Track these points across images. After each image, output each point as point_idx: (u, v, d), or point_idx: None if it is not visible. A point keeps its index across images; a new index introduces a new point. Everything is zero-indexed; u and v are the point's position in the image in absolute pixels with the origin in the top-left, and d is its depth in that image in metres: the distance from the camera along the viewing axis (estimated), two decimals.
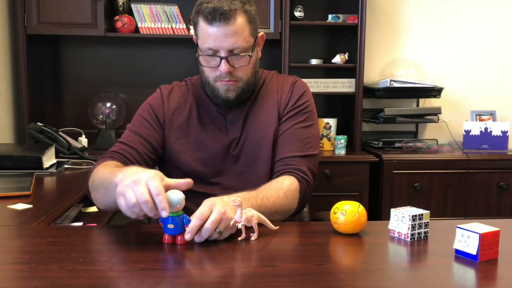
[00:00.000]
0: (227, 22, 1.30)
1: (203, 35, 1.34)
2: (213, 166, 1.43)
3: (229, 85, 1.38)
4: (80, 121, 2.90)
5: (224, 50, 1.32)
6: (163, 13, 2.77)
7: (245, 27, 1.33)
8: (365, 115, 2.99)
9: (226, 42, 1.31)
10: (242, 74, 1.38)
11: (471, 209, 2.74)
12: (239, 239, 1.08)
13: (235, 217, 1.07)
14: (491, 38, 3.18)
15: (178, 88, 1.52)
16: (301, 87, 1.49)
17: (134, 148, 1.38)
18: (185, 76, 1.59)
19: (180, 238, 1.04)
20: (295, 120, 1.45)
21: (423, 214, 1.10)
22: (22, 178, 1.72)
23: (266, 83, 1.51)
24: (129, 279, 0.89)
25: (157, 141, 1.43)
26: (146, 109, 1.47)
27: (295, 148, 1.41)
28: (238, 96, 1.40)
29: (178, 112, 1.46)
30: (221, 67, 1.34)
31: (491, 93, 3.19)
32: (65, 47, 2.95)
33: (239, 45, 1.33)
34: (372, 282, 0.89)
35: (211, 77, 1.39)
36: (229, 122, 1.45)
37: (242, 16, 1.33)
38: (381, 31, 3.13)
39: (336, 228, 1.14)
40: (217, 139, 1.44)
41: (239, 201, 1.06)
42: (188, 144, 1.44)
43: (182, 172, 1.44)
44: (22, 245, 1.08)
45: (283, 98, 1.47)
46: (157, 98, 1.49)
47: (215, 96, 1.41)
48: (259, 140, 1.44)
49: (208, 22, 1.31)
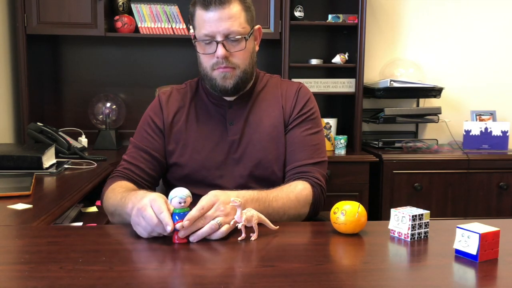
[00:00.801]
0: (223, 6, 1.32)
1: (200, 22, 1.35)
2: (213, 169, 1.43)
3: (226, 72, 1.37)
4: (80, 121, 2.90)
5: (220, 34, 1.33)
6: (163, 13, 2.77)
7: (240, 13, 1.35)
8: (365, 115, 2.99)
9: (221, 26, 1.33)
10: (238, 60, 1.38)
11: (471, 209, 2.74)
12: (239, 239, 1.08)
13: (235, 217, 1.07)
14: (491, 38, 3.18)
15: (176, 92, 1.51)
16: (305, 93, 1.49)
17: (138, 166, 1.43)
18: (185, 76, 1.59)
19: (177, 236, 1.05)
20: (303, 128, 1.45)
21: (423, 214, 1.10)
22: (22, 178, 1.72)
23: (269, 87, 1.51)
24: (129, 279, 0.89)
25: (159, 152, 1.45)
26: (146, 121, 1.49)
27: (306, 155, 1.43)
28: (236, 85, 1.39)
29: (178, 117, 1.47)
30: (217, 52, 1.34)
31: (491, 93, 3.19)
32: (65, 47, 2.95)
33: (235, 30, 1.34)
34: (372, 282, 0.89)
35: (208, 66, 1.39)
36: (229, 123, 1.45)
37: (238, 3, 1.35)
38: (381, 31, 3.13)
39: (336, 228, 1.14)
40: (217, 141, 1.44)
41: (239, 201, 1.06)
42: (187, 147, 1.44)
43: (182, 175, 1.44)
44: (22, 245, 1.08)
45: (288, 105, 1.47)
46: (155, 106, 1.50)
47: (213, 86, 1.40)
48: (262, 144, 1.43)
49: (204, 8, 1.33)
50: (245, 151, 1.43)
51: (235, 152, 1.43)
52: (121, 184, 1.35)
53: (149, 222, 1.04)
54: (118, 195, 1.27)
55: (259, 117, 1.46)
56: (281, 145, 1.45)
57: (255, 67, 1.47)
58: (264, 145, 1.43)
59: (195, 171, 1.42)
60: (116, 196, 1.28)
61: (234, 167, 1.43)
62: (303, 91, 1.50)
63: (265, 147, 1.43)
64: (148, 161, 1.44)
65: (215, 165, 1.43)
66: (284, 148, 1.45)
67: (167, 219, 1.03)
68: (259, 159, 1.42)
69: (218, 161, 1.43)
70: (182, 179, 1.44)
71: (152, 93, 1.77)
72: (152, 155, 1.44)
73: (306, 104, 1.48)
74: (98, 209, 1.96)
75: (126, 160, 1.45)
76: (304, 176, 1.40)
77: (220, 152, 1.43)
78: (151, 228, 1.05)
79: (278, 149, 1.44)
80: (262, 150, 1.43)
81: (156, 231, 1.05)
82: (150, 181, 1.44)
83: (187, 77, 1.67)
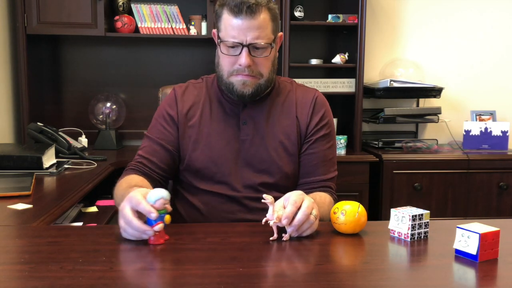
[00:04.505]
0: (253, 15, 1.31)
1: (227, 26, 1.34)
2: (222, 166, 1.42)
3: (247, 80, 1.36)
4: (80, 121, 2.89)
5: (247, 42, 1.33)
6: (163, 13, 2.77)
7: (268, 23, 1.35)
8: (365, 115, 2.99)
9: (249, 35, 1.32)
10: (262, 69, 1.37)
11: (471, 209, 2.74)
12: (271, 239, 1.09)
13: (267, 215, 1.08)
14: (491, 38, 3.18)
15: (193, 87, 1.51)
16: (322, 104, 1.49)
17: (150, 160, 1.43)
18: (185, 76, 1.59)
19: (152, 238, 1.05)
20: (323, 142, 1.46)
21: (423, 214, 1.10)
22: (22, 178, 1.72)
23: (285, 91, 1.49)
24: (129, 279, 0.89)
25: (173, 144, 1.45)
26: (161, 113, 1.49)
27: (326, 171, 1.46)
28: (255, 92, 1.39)
29: (192, 111, 1.46)
30: (241, 60, 1.34)
31: (491, 93, 3.19)
32: (65, 47, 2.95)
33: (262, 40, 1.33)
34: (372, 282, 0.89)
35: (227, 70, 1.38)
36: (242, 122, 1.44)
37: (266, 13, 1.34)
38: (381, 31, 3.13)
39: (336, 228, 1.14)
40: (229, 140, 1.43)
41: (271, 199, 1.08)
42: (199, 142, 1.44)
43: (194, 170, 1.44)
44: (22, 245, 1.09)
45: (304, 114, 1.46)
46: (170, 99, 1.49)
47: (230, 90, 1.40)
48: (272, 151, 1.42)
49: (233, 15, 1.32)
50: (254, 154, 1.42)
51: (245, 153, 1.43)
52: (129, 179, 1.35)
53: (125, 219, 1.05)
54: (121, 191, 1.28)
55: (272, 122, 1.45)
56: (291, 154, 1.44)
57: (275, 72, 1.46)
58: (274, 151, 1.42)
59: (206, 167, 1.42)
60: (119, 192, 1.29)
61: (243, 167, 1.42)
62: (320, 101, 1.48)
63: (274, 153, 1.42)
64: (161, 155, 1.44)
65: (226, 162, 1.42)
66: (296, 158, 1.44)
67: (147, 207, 1.03)
68: (267, 164, 1.42)
69: (229, 159, 1.42)
70: (193, 173, 1.44)
71: (153, 92, 1.78)
72: (166, 148, 1.44)
73: (324, 115, 1.47)
74: (98, 209, 1.96)
75: (139, 154, 1.46)
76: (328, 190, 1.45)
77: (231, 150, 1.43)
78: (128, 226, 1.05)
79: (288, 158, 1.43)
80: (271, 155, 1.42)
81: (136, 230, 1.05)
82: (163, 174, 1.44)
83: (187, 77, 1.67)
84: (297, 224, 1.09)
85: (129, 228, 1.05)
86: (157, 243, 1.05)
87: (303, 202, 1.11)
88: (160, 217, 1.05)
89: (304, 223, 1.10)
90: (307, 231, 1.11)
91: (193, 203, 1.44)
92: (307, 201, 1.12)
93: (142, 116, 2.90)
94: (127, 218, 1.05)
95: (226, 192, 1.41)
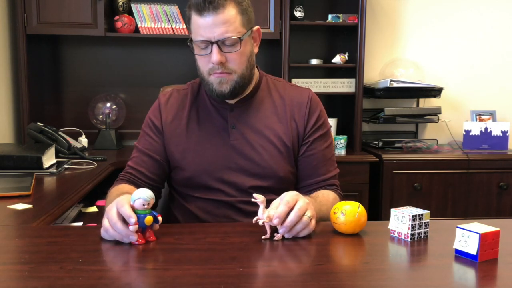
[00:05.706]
0: (217, 11, 1.28)
1: (195, 28, 1.32)
2: (214, 173, 1.40)
3: (222, 77, 1.34)
4: (80, 121, 2.90)
5: (215, 40, 1.30)
6: (163, 13, 2.77)
7: (236, 17, 1.31)
8: (365, 115, 2.99)
9: (216, 31, 1.29)
10: (234, 65, 1.34)
11: (471, 209, 2.74)
12: (263, 238, 1.09)
13: (258, 215, 1.08)
14: (491, 38, 3.18)
15: (177, 94, 1.49)
16: (317, 103, 1.48)
17: (139, 170, 1.43)
18: (185, 76, 1.59)
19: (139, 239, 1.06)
20: (320, 142, 1.45)
21: (423, 214, 1.10)
22: (22, 178, 1.72)
23: (275, 91, 1.47)
24: (129, 279, 0.89)
25: (160, 154, 1.44)
26: (147, 123, 1.49)
27: (326, 170, 1.46)
28: (233, 89, 1.36)
29: (177, 119, 1.44)
30: (212, 57, 1.31)
31: (491, 93, 3.19)
32: (65, 47, 2.95)
33: (230, 35, 1.30)
34: (372, 282, 0.89)
35: (205, 70, 1.36)
36: (231, 126, 1.41)
37: (233, 6, 1.31)
38: (381, 31, 3.13)
39: (336, 228, 1.14)
40: (218, 145, 1.41)
41: (262, 198, 1.08)
42: (188, 151, 1.42)
43: (184, 178, 1.42)
44: (22, 245, 1.09)
45: (300, 115, 1.44)
46: (154, 108, 1.49)
47: (210, 91, 1.38)
48: (264, 154, 1.40)
49: (198, 13, 1.30)
50: (246, 158, 1.40)
51: (237, 158, 1.40)
52: (120, 188, 1.35)
53: (111, 220, 1.05)
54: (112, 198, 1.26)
55: (263, 123, 1.42)
56: (286, 156, 1.42)
57: (254, 70, 1.43)
58: (267, 154, 1.40)
59: (196, 175, 1.40)
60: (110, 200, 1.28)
61: (235, 172, 1.40)
62: (314, 101, 1.47)
63: (267, 155, 1.40)
64: (149, 165, 1.43)
65: (217, 169, 1.40)
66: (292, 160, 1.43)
67: (128, 211, 1.04)
68: (260, 167, 1.40)
69: (220, 165, 1.40)
70: (184, 182, 1.43)
71: (153, 93, 1.78)
72: (154, 158, 1.43)
73: (320, 115, 1.46)
74: (98, 209, 1.96)
75: (129, 165, 1.46)
76: (332, 188, 1.45)
77: (221, 156, 1.40)
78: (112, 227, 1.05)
79: (282, 160, 1.42)
80: (264, 158, 1.40)
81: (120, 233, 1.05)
82: (153, 184, 1.44)
83: (187, 77, 1.67)
84: (289, 225, 1.08)
85: (112, 230, 1.05)
86: (141, 243, 1.05)
87: (296, 202, 1.10)
88: (141, 217, 1.05)
89: (297, 224, 1.09)
90: (303, 231, 1.10)
91: (189, 209, 1.44)
92: (301, 201, 1.11)
93: (142, 116, 2.84)
94: (112, 220, 1.05)
95: (220, 198, 1.40)
